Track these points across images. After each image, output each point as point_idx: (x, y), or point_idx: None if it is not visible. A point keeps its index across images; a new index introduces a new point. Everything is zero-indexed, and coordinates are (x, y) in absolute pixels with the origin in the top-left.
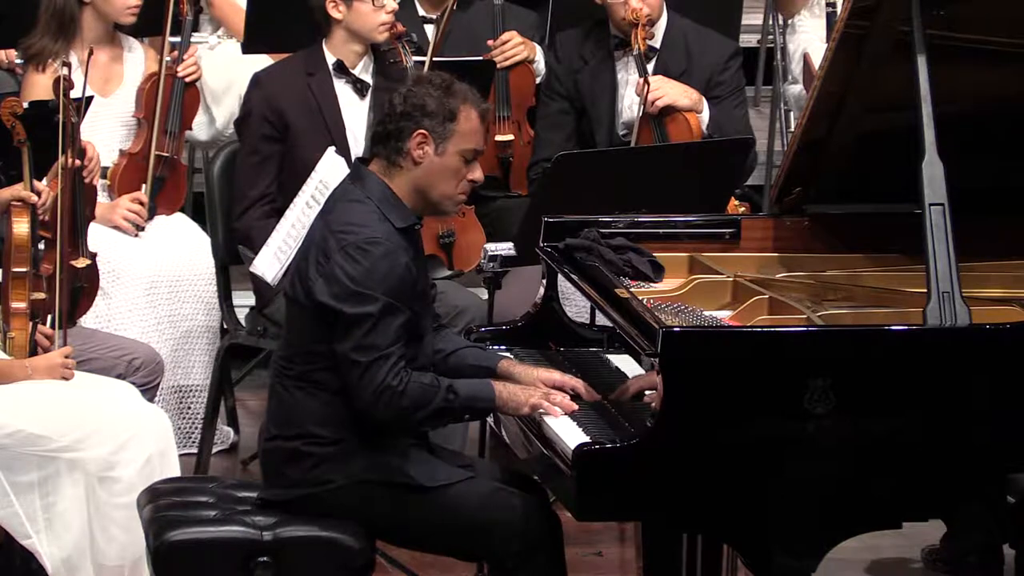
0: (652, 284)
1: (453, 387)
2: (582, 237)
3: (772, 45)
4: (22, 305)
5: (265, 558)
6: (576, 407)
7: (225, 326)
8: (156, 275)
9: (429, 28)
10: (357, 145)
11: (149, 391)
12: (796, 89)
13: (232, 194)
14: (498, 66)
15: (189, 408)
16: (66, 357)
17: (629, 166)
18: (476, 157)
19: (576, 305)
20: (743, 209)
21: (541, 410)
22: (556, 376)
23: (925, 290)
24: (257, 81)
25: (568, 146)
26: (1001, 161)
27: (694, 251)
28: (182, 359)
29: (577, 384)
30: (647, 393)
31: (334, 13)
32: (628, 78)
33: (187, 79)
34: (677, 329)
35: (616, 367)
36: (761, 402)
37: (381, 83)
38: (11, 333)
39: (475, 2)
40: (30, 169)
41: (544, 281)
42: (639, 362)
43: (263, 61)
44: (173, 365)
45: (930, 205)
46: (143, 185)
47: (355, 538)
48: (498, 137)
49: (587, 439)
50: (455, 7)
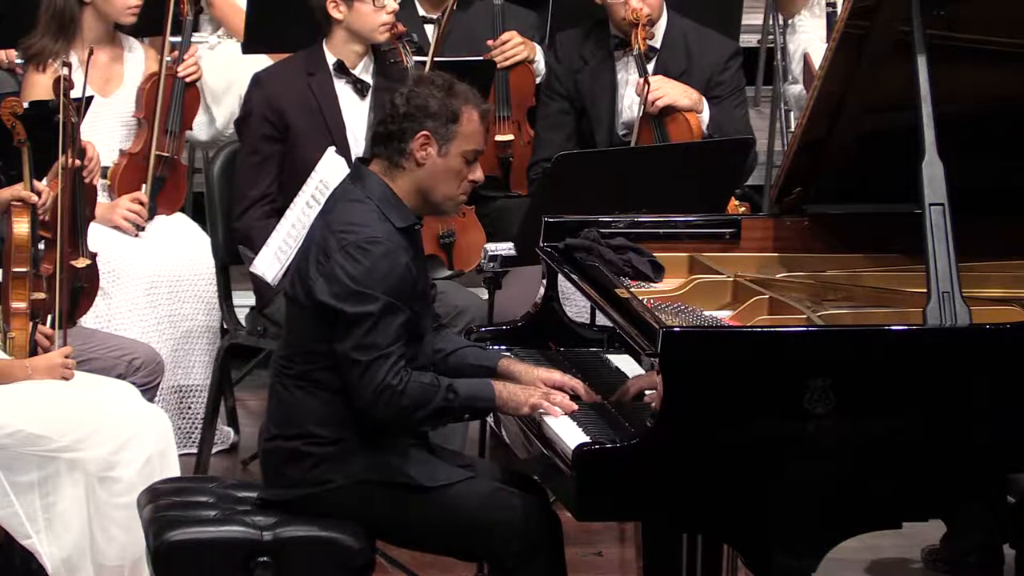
0: (652, 284)
1: (453, 387)
2: (582, 237)
3: (772, 45)
4: (22, 305)
5: (265, 558)
6: (576, 407)
7: (225, 326)
8: (156, 275)
9: (429, 28)
10: (357, 145)
11: (149, 391)
12: (796, 89)
13: (232, 194)
14: (498, 66)
15: (189, 408)
16: (66, 357)
17: (629, 166)
18: (477, 158)
19: (576, 305)
20: (743, 209)
21: (541, 410)
22: (556, 376)
23: (925, 290)
24: (257, 81)
25: (568, 146)
26: (1001, 161)
27: (694, 251)
28: (182, 359)
29: (577, 385)
30: (647, 393)
31: (335, 13)
32: (628, 78)
33: (187, 79)
34: (677, 329)
35: (616, 367)
36: (761, 402)
37: (381, 83)
38: (11, 333)
39: (475, 2)
40: (30, 169)
41: (544, 281)
42: (639, 362)
43: (263, 61)
44: (173, 365)
45: (930, 205)
46: (143, 185)
47: (355, 538)
48: (498, 137)
49: (587, 439)
50: (455, 7)
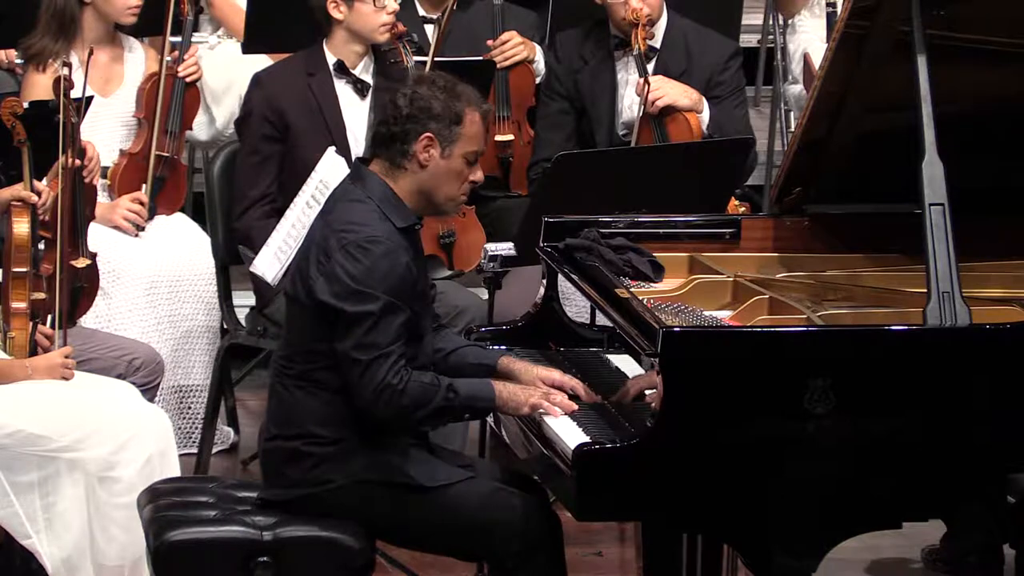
0: (652, 284)
1: (453, 386)
2: (582, 237)
3: (772, 45)
4: (22, 305)
5: (265, 558)
6: (576, 407)
7: (225, 326)
8: (156, 275)
9: (429, 28)
10: (357, 145)
11: (149, 391)
12: (796, 89)
13: (232, 194)
14: (498, 66)
15: (189, 408)
16: (66, 357)
17: (629, 166)
18: (478, 159)
19: (576, 305)
20: (743, 209)
21: (541, 410)
22: (556, 375)
23: (925, 290)
24: (258, 81)
25: (568, 146)
26: (1001, 161)
27: (694, 251)
28: (182, 359)
29: (576, 385)
30: (647, 393)
31: (335, 13)
32: (628, 78)
33: (188, 79)
34: (677, 329)
35: (616, 367)
36: (761, 402)
37: (382, 83)
38: (11, 333)
39: (475, 2)
40: (30, 169)
41: (544, 281)
42: (639, 362)
43: (263, 61)
44: (173, 365)
45: (930, 205)
46: (143, 185)
47: (355, 538)
48: (498, 137)
49: (587, 439)
50: (455, 7)
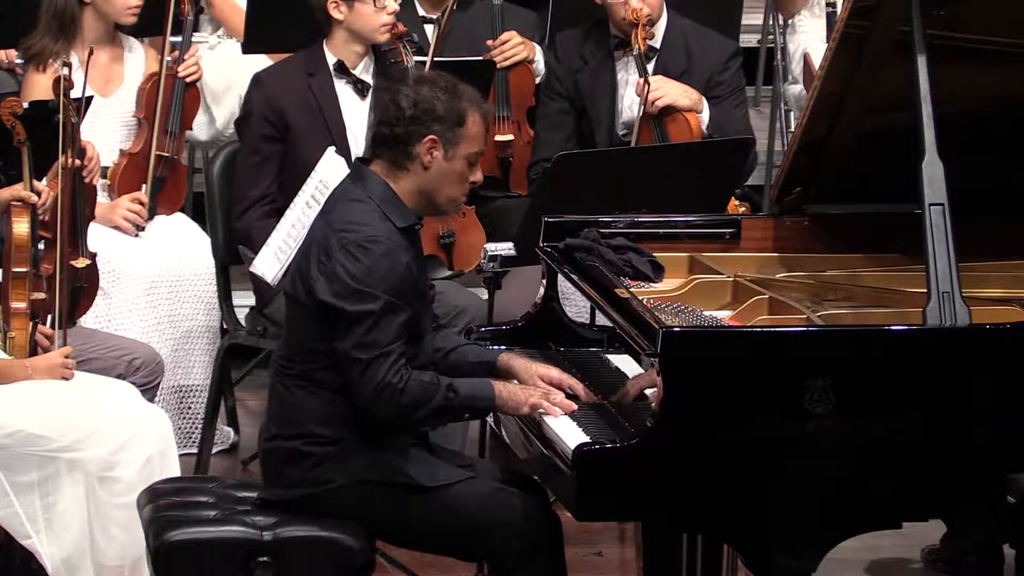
0: (652, 284)
1: (453, 386)
2: (582, 237)
3: (772, 45)
4: (22, 305)
5: (265, 558)
6: (576, 407)
7: (225, 326)
8: (156, 275)
9: (429, 28)
10: (357, 145)
11: (149, 391)
12: (796, 89)
13: (232, 194)
14: (498, 66)
15: (189, 408)
16: (66, 357)
17: (629, 166)
18: (478, 159)
19: (576, 305)
20: (743, 209)
21: (541, 410)
22: (554, 372)
23: (925, 290)
24: (258, 81)
25: (568, 146)
26: (1001, 161)
27: (694, 251)
28: (182, 359)
29: (574, 383)
30: (648, 392)
31: (335, 14)
32: (628, 78)
33: (188, 79)
34: (677, 329)
35: (616, 367)
36: (761, 402)
37: (382, 83)
38: (11, 333)
39: (475, 2)
40: (30, 169)
41: (544, 281)
42: (639, 362)
43: (263, 61)
44: (173, 365)
45: (930, 205)
46: (143, 185)
47: (355, 538)
48: (498, 137)
49: (587, 439)
50: (455, 7)
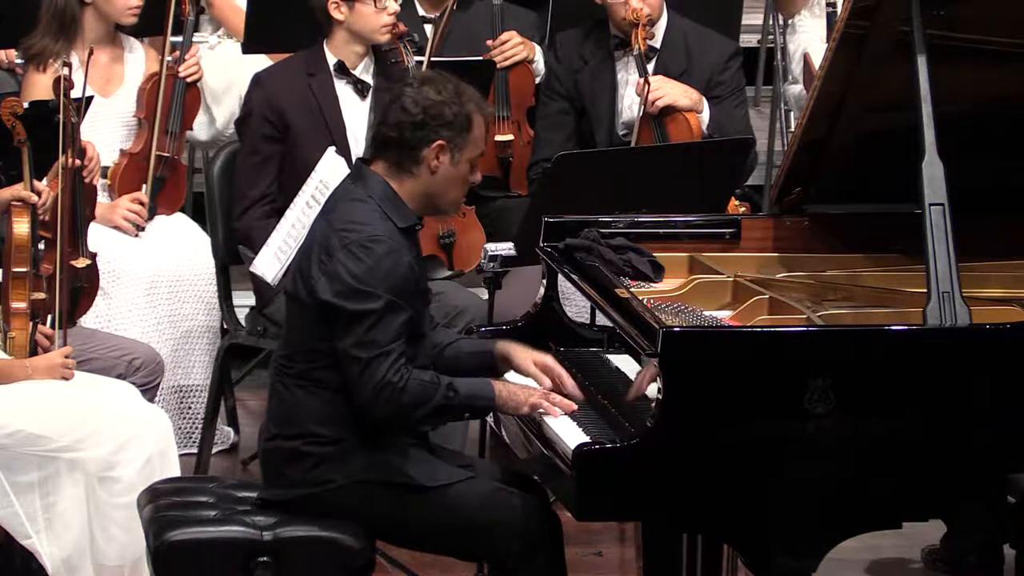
0: (652, 284)
1: (453, 385)
2: (582, 237)
3: (772, 45)
4: (22, 305)
5: (265, 558)
6: (576, 407)
7: (225, 326)
8: (156, 275)
9: (429, 28)
10: (357, 145)
11: (149, 391)
12: (796, 89)
13: (232, 194)
14: (498, 66)
15: (189, 408)
16: (66, 357)
17: (629, 166)
18: (479, 160)
19: (576, 305)
20: (743, 209)
21: (541, 410)
22: (549, 360)
23: (925, 290)
24: (258, 81)
25: (568, 146)
26: (1001, 161)
27: (694, 251)
28: (182, 359)
29: (564, 376)
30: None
31: (336, 14)
32: (628, 78)
33: (188, 79)
34: (677, 329)
35: (616, 367)
36: (761, 402)
37: (382, 83)
38: (11, 333)
39: (475, 2)
40: (30, 169)
41: (544, 281)
42: (639, 362)
43: (263, 61)
44: (173, 365)
45: (930, 205)
46: (143, 185)
47: (355, 538)
48: (498, 137)
49: (587, 439)
50: (455, 7)
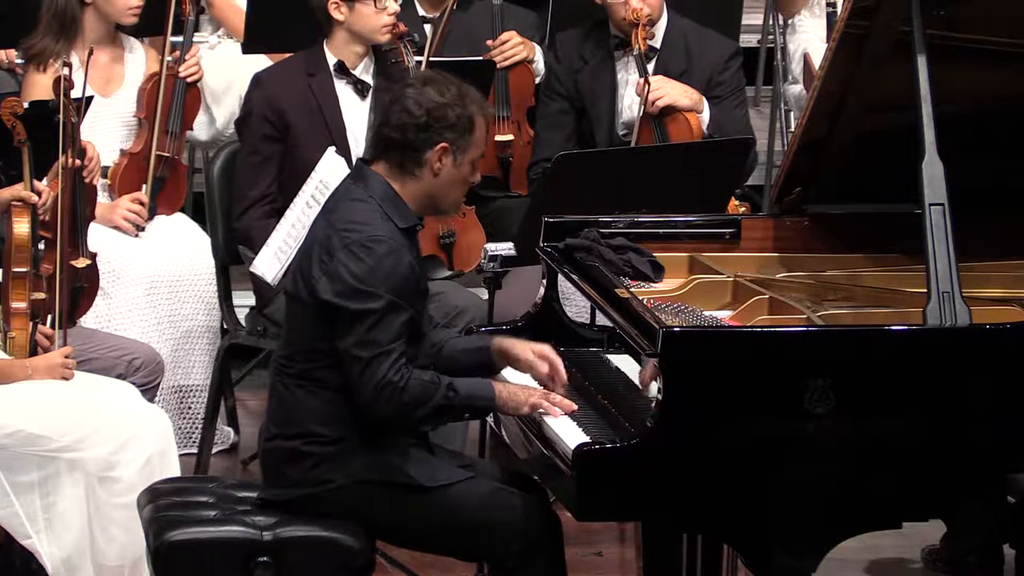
0: (652, 284)
1: (453, 385)
2: (582, 237)
3: (772, 45)
4: (22, 305)
5: (265, 558)
6: (576, 407)
7: (225, 326)
8: (156, 275)
9: (429, 28)
10: (357, 145)
11: (149, 391)
12: (796, 89)
13: (232, 194)
14: (498, 66)
15: (189, 408)
16: (66, 357)
17: (629, 166)
18: (480, 161)
19: (576, 305)
20: (743, 209)
21: (541, 410)
22: (547, 349)
23: (925, 290)
24: (258, 81)
25: (568, 146)
26: (1001, 161)
27: (694, 251)
28: (182, 359)
29: (558, 364)
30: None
31: (336, 14)
32: (628, 78)
33: (189, 79)
34: (677, 329)
35: (616, 367)
36: (761, 402)
37: (382, 84)
38: (11, 333)
39: (475, 2)
40: (30, 169)
41: (544, 281)
42: (639, 362)
43: (263, 61)
44: (173, 365)
45: (930, 205)
46: (143, 185)
47: (355, 538)
48: (498, 137)
49: (587, 439)
50: (455, 7)
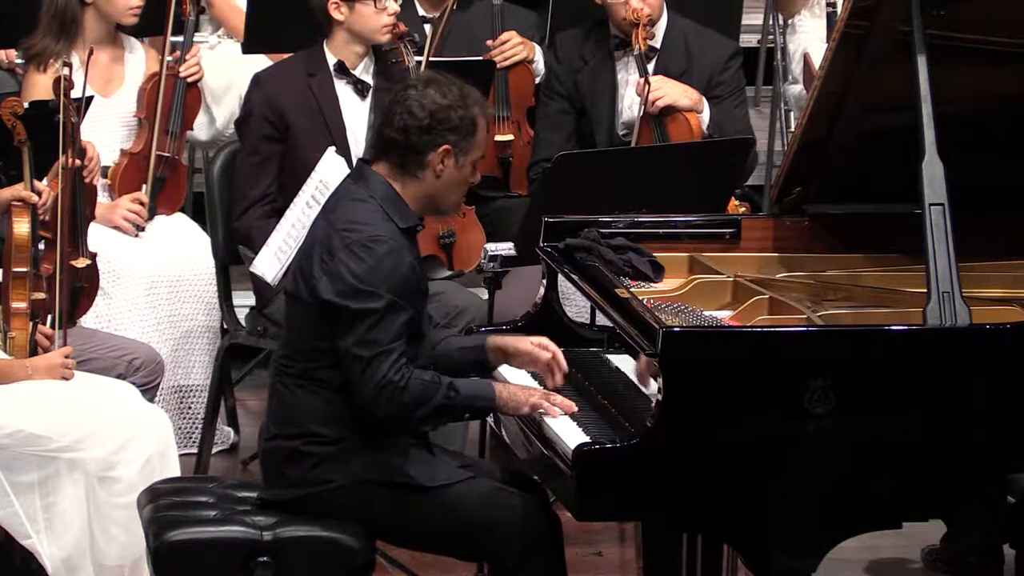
0: (652, 284)
1: (454, 385)
2: (582, 237)
3: (772, 45)
4: (22, 305)
5: (265, 558)
6: (576, 407)
7: (225, 326)
8: (156, 275)
9: (429, 28)
10: (357, 145)
11: (149, 391)
12: (796, 89)
13: (232, 194)
14: (498, 66)
15: (189, 408)
16: (66, 357)
17: (629, 166)
18: (480, 162)
19: (576, 305)
20: (743, 209)
21: (541, 410)
22: (545, 339)
23: (925, 290)
24: (258, 81)
25: (568, 146)
26: (1001, 161)
27: (694, 251)
28: (182, 359)
29: (557, 354)
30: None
31: (336, 14)
32: (628, 78)
33: (189, 79)
34: (677, 329)
35: (616, 367)
36: (761, 402)
37: (382, 84)
38: (11, 333)
39: (475, 2)
40: (30, 169)
41: (544, 281)
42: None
43: (263, 61)
44: (173, 365)
45: (930, 205)
46: (143, 185)
47: (355, 538)
48: (498, 137)
49: (587, 439)
50: (455, 7)
